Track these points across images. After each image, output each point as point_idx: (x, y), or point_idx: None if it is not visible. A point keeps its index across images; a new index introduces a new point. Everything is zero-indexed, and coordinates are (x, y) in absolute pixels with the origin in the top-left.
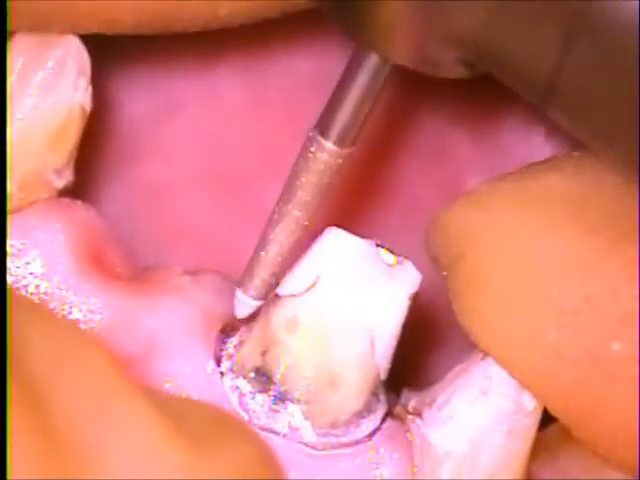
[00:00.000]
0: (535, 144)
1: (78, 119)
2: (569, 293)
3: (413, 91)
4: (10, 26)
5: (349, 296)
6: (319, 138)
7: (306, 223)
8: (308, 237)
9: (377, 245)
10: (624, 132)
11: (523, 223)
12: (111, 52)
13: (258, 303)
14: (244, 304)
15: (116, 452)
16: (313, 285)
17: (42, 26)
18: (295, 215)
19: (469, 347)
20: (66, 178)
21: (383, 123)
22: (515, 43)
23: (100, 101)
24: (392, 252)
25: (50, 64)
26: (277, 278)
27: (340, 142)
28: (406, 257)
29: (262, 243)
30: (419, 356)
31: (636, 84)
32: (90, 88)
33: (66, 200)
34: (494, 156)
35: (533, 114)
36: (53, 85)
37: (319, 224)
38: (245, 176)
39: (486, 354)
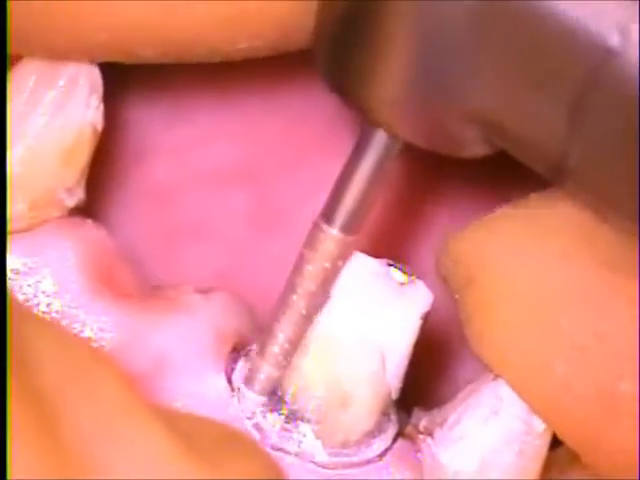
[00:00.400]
0: None
1: (90, 138)
2: (579, 327)
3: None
4: (25, 53)
5: (360, 315)
6: (324, 226)
7: (313, 313)
8: None
9: (389, 264)
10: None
11: (535, 251)
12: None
13: (264, 399)
14: (249, 400)
15: (125, 469)
16: (325, 304)
17: (59, 56)
18: (300, 306)
19: (480, 367)
20: (77, 197)
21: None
22: (524, 115)
23: (111, 118)
24: (404, 271)
25: (62, 82)
26: (283, 372)
27: (347, 229)
28: (418, 276)
29: (267, 336)
30: (430, 375)
31: None
32: (102, 107)
33: (77, 219)
34: None
35: None
36: (64, 104)
37: None
38: (256, 177)
39: (497, 375)
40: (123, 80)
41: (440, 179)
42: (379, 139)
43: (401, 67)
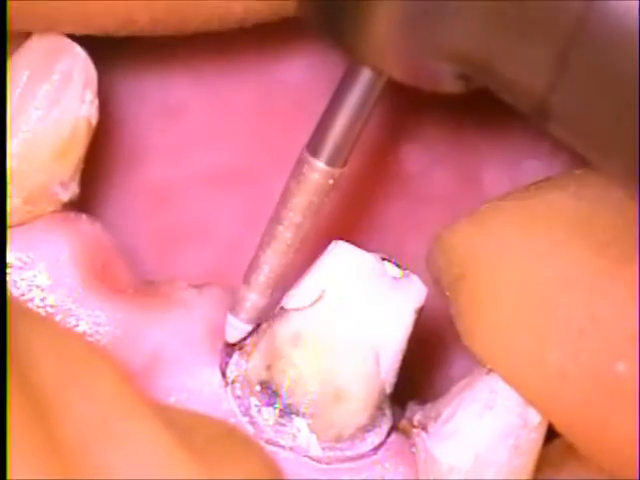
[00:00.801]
0: (542, 154)
1: (84, 132)
2: (575, 312)
3: (419, 115)
4: (24, 27)
5: (354, 310)
6: (310, 158)
7: (297, 245)
8: (313, 251)
9: (383, 259)
10: (623, 146)
11: (526, 242)
12: (112, 57)
13: (249, 327)
14: (235, 328)
15: (123, 465)
16: (318, 299)
17: (56, 26)
18: (286, 237)
19: (474, 361)
20: (71, 191)
21: (387, 147)
22: (508, 57)
23: (104, 110)
24: (398, 266)
25: (56, 77)
26: (268, 301)
27: (332, 162)
28: (412, 271)
29: (253, 266)
30: (424, 370)
31: (634, 98)
32: (96, 101)
33: (72, 214)
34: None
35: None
36: (59, 98)
37: (323, 238)
38: (252, 177)
39: (491, 369)
40: (119, 79)
41: (418, 122)
42: (364, 76)
43: (388, 5)
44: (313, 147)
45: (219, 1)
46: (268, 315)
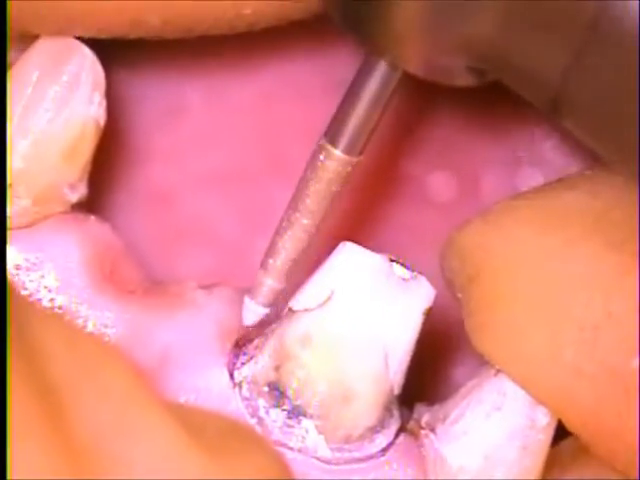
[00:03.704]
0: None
1: (92, 133)
2: (590, 309)
3: (423, 99)
4: (34, 30)
5: (363, 311)
6: (328, 146)
7: (314, 231)
8: (322, 252)
9: (391, 260)
10: (635, 141)
11: (540, 241)
12: (116, 60)
13: (266, 310)
14: (252, 311)
15: (136, 461)
16: (327, 300)
17: (67, 29)
18: (303, 223)
19: (482, 362)
20: (80, 192)
21: (393, 130)
22: (524, 51)
23: (108, 112)
24: (406, 267)
25: (65, 78)
26: (285, 286)
27: (349, 150)
28: (420, 272)
29: (270, 251)
30: (432, 371)
31: None
32: (104, 102)
33: (80, 215)
34: (508, 163)
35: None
36: (68, 99)
37: (332, 239)
38: (255, 178)
39: (499, 370)
40: (123, 81)
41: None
42: (380, 69)
43: (407, 2)
44: (331, 136)
45: (229, 3)
46: (277, 315)
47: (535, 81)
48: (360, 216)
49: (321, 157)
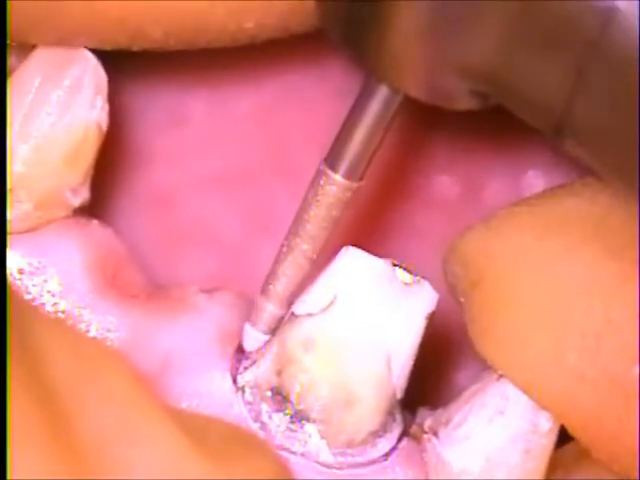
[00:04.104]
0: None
1: (95, 138)
2: (591, 316)
3: (424, 124)
4: (36, 40)
5: (366, 316)
6: (328, 171)
7: (314, 257)
8: (325, 257)
9: (394, 264)
10: (637, 162)
11: (542, 247)
12: (119, 64)
13: (266, 337)
14: (253, 338)
15: (137, 466)
16: (330, 305)
17: (68, 39)
18: (303, 249)
19: (485, 367)
20: (82, 196)
21: (398, 135)
22: (525, 74)
23: (110, 116)
24: (409, 271)
25: (67, 82)
26: (286, 312)
27: (349, 175)
28: (425, 276)
29: (271, 277)
30: (435, 375)
31: None
32: (107, 106)
33: (83, 219)
34: (512, 168)
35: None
36: (70, 104)
37: (335, 244)
38: (256, 182)
39: (502, 375)
40: (125, 85)
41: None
42: (381, 92)
43: (406, 24)
44: (331, 161)
45: (230, 17)
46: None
47: (537, 105)
48: (365, 220)
49: (321, 182)
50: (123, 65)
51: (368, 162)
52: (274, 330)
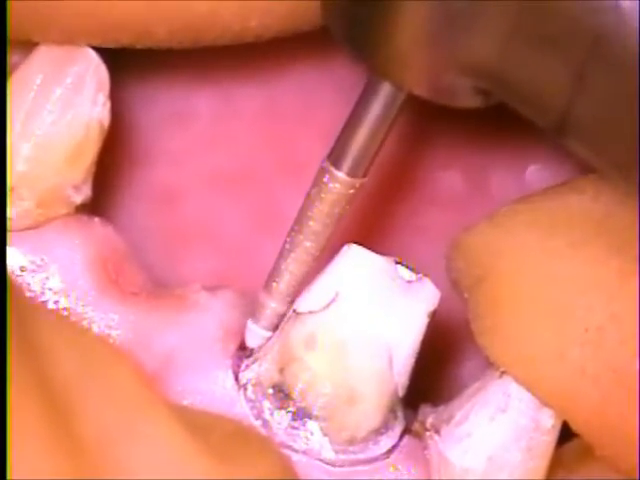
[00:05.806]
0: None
1: (96, 135)
2: (594, 311)
3: (427, 119)
4: (39, 38)
5: (367, 313)
6: (331, 168)
7: (317, 254)
8: (328, 254)
9: (396, 262)
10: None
11: (545, 244)
12: (123, 61)
13: (269, 334)
14: (255, 334)
15: (140, 463)
16: (332, 302)
17: (72, 38)
18: (306, 246)
19: (487, 364)
20: (84, 194)
21: (402, 130)
22: (527, 72)
23: (113, 114)
24: (410, 269)
25: (69, 80)
26: (289, 308)
27: (353, 172)
28: (428, 272)
29: (273, 274)
30: (437, 373)
31: None
32: (109, 104)
33: (85, 217)
34: (517, 163)
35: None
36: (72, 101)
37: (338, 241)
38: (259, 180)
39: (504, 372)
40: (128, 83)
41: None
42: (385, 90)
43: (409, 22)
44: (334, 158)
45: (234, 16)
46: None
47: (539, 103)
48: (368, 217)
49: (324, 179)
50: (126, 62)
51: (371, 159)
52: (276, 327)
